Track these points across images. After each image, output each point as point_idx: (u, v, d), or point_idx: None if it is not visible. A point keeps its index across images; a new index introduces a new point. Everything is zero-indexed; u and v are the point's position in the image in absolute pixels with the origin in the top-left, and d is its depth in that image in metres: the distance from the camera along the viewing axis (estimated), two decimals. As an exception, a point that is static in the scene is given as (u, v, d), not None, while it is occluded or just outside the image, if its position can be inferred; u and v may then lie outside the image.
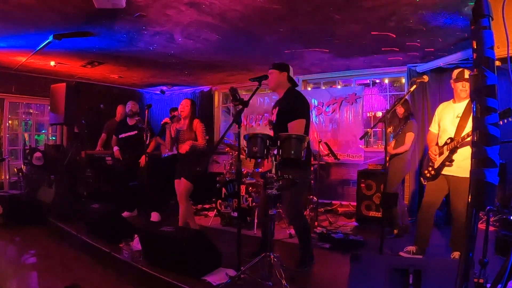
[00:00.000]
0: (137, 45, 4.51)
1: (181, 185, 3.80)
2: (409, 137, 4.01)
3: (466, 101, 3.01)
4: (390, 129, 3.94)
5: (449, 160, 3.03)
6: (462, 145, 2.95)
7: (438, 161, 3.14)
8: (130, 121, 5.13)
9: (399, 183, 4.21)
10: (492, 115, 1.08)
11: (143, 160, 4.90)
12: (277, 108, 3.17)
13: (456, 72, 3.09)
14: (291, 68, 3.21)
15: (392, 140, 4.32)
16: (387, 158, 4.17)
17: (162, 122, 3.93)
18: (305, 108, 3.09)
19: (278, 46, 4.50)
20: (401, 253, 3.27)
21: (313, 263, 3.09)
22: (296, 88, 3.26)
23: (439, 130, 3.25)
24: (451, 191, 3.10)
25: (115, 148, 5.14)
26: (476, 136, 1.10)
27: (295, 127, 2.93)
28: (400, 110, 4.15)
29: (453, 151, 3.01)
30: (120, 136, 5.11)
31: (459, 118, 3.01)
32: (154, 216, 4.91)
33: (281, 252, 3.45)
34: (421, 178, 3.38)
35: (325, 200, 5.90)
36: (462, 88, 3.02)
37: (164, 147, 4.68)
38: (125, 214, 5.00)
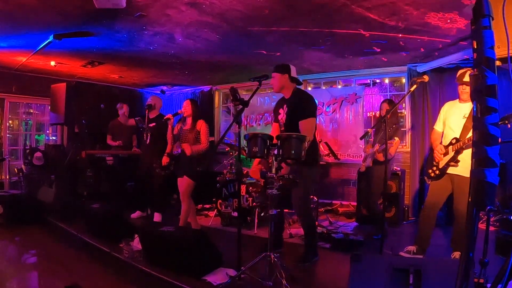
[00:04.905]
0: (137, 45, 4.50)
1: (183, 183, 3.80)
2: (395, 144, 3.97)
3: None
4: (370, 130, 3.81)
5: (454, 161, 3.01)
6: (468, 147, 2.91)
7: (443, 161, 3.10)
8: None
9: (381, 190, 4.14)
10: (492, 115, 1.07)
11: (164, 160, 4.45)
12: (285, 107, 3.21)
13: (458, 73, 3.08)
14: (292, 68, 3.25)
15: (372, 143, 4.27)
16: (372, 164, 4.14)
17: (164, 118, 4.02)
18: (314, 107, 3.18)
19: (278, 46, 4.49)
20: (402, 253, 3.26)
21: (317, 259, 3.14)
22: (300, 87, 3.32)
23: (443, 129, 3.23)
24: (454, 190, 3.08)
25: (137, 150, 5.18)
26: (476, 136, 1.10)
27: (307, 125, 3.00)
28: (384, 107, 4.14)
29: (458, 151, 2.98)
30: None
31: (465, 119, 2.99)
32: (157, 217, 4.90)
33: (282, 251, 3.44)
34: (425, 177, 3.35)
35: (325, 200, 5.89)
36: (463, 90, 3.04)
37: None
38: (137, 214, 5.01)
